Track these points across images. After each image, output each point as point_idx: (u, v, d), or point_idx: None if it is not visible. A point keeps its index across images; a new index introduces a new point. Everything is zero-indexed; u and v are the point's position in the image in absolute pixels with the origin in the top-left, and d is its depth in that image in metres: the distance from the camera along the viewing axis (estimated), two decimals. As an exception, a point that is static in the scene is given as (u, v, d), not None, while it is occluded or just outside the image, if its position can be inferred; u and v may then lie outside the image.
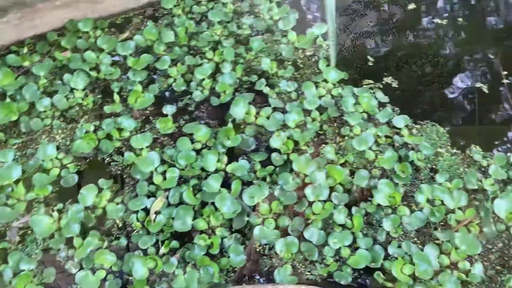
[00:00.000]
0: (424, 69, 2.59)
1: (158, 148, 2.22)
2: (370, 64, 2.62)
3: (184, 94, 2.45)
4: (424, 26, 2.79)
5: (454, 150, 2.25)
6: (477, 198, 2.07)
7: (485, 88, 2.50)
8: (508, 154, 2.16)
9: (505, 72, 2.55)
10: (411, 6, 2.87)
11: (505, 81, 2.51)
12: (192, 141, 2.21)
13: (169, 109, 2.34)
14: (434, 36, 2.74)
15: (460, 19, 2.81)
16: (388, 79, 2.53)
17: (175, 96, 2.46)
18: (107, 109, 2.36)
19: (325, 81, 2.44)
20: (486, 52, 2.65)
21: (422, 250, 1.90)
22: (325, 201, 2.00)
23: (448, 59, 2.64)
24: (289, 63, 2.57)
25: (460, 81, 2.54)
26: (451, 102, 2.46)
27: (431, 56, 2.64)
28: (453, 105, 2.45)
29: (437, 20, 2.80)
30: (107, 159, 2.25)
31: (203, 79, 2.43)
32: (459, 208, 1.99)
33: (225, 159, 2.17)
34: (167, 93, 2.48)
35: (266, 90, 2.42)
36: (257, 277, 1.93)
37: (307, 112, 2.32)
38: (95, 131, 2.29)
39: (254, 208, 2.04)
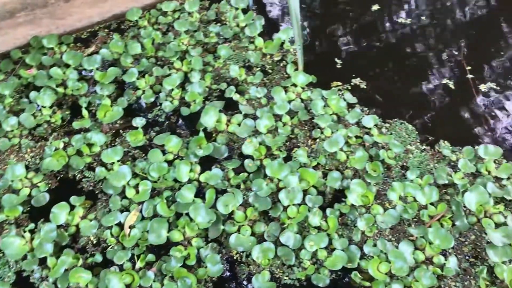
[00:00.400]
0: (391, 68, 2.63)
1: (129, 162, 2.21)
2: (338, 66, 2.64)
3: (154, 106, 2.44)
4: (390, 26, 2.84)
5: (424, 147, 2.29)
6: (448, 192, 2.10)
7: (451, 84, 2.55)
8: (476, 147, 2.20)
9: (469, 68, 2.60)
10: (375, 7, 2.91)
11: (469, 76, 2.57)
12: (164, 153, 2.19)
13: (139, 122, 2.32)
14: (400, 36, 2.79)
15: (424, 18, 2.86)
16: (356, 80, 2.56)
17: (144, 108, 2.44)
18: (76, 125, 2.33)
19: (294, 85, 2.46)
20: (451, 49, 2.71)
21: (397, 247, 1.92)
22: (299, 205, 2.01)
23: (415, 57, 2.69)
24: (258, 69, 2.58)
25: (427, 79, 2.59)
26: (419, 99, 2.50)
27: (398, 55, 2.69)
28: (421, 102, 2.49)
29: (402, 20, 2.85)
30: (78, 175, 2.22)
31: (172, 90, 2.43)
32: (431, 204, 2.03)
33: (198, 168, 2.16)
34: (136, 106, 2.46)
35: (236, 97, 2.42)
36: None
37: (277, 117, 2.34)
38: (64, 148, 2.25)
39: (229, 216, 2.04)
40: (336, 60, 2.66)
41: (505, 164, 2.14)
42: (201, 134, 2.22)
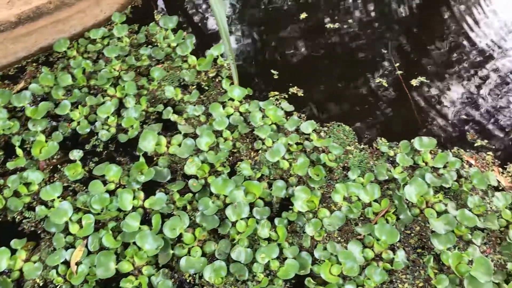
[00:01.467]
0: (326, 73, 2.69)
1: (70, 197, 2.14)
2: (275, 77, 2.67)
3: (91, 136, 2.38)
4: (320, 32, 2.89)
5: (362, 146, 2.34)
6: (390, 187, 2.16)
7: (384, 82, 2.63)
8: (412, 140, 2.28)
9: (397, 64, 2.70)
10: (303, 15, 2.97)
11: (398, 72, 2.66)
12: (105, 183, 2.14)
13: (76, 154, 2.26)
14: (331, 41, 2.85)
15: (351, 21, 2.95)
16: (293, 89, 2.59)
17: (81, 140, 2.39)
18: (10, 165, 2.24)
19: (232, 99, 2.47)
20: (380, 49, 2.80)
21: (346, 248, 1.96)
22: (247, 218, 2.01)
23: (347, 60, 2.76)
24: (194, 87, 2.58)
25: (360, 79, 2.65)
26: (354, 100, 2.56)
27: (332, 60, 2.75)
28: (356, 103, 2.55)
29: (330, 25, 2.92)
30: (18, 217, 2.13)
31: (108, 117, 2.38)
32: (375, 201, 2.08)
33: (141, 195, 2.12)
34: (72, 138, 2.39)
35: (174, 117, 2.40)
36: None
37: (218, 133, 2.34)
38: (0, 190, 2.17)
39: (178, 239, 2.01)
40: (272, 71, 2.69)
41: (440, 153, 2.22)
42: (141, 159, 2.19)
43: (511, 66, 2.70)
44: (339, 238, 2.03)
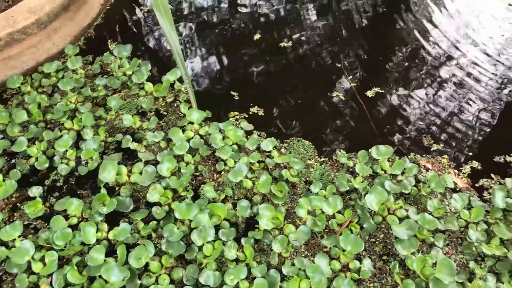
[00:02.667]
0: (284, 91, 2.73)
1: (31, 235, 2.10)
2: (236, 98, 2.69)
3: (50, 171, 2.34)
4: (275, 51, 2.94)
5: (322, 159, 2.38)
6: (352, 198, 2.20)
7: (340, 95, 2.69)
8: (369, 150, 2.33)
9: (351, 77, 2.76)
10: (257, 36, 3.02)
11: (352, 85, 2.72)
12: (67, 218, 2.11)
13: (35, 191, 2.22)
14: (287, 58, 2.90)
15: (303, 38, 3.01)
16: (254, 109, 2.62)
17: (40, 176, 2.34)
18: (-33, 208, 2.19)
19: (191, 123, 2.48)
20: (335, 63, 2.86)
21: (313, 261, 1.97)
22: (214, 241, 2.00)
23: (304, 76, 2.80)
24: (152, 113, 2.58)
25: (317, 94, 2.71)
26: (312, 114, 2.61)
27: (289, 77, 2.79)
28: (314, 117, 2.60)
29: (284, 44, 2.98)
30: (-22, 261, 2.07)
31: (66, 151, 2.35)
32: (338, 212, 2.11)
33: (105, 227, 2.09)
34: (31, 175, 2.35)
35: (134, 146, 2.39)
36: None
37: (179, 158, 2.34)
38: (-43, 234, 2.10)
39: (145, 268, 1.99)
40: (232, 92, 2.71)
41: (397, 160, 2.28)
42: (103, 190, 2.16)
43: (463, 72, 2.80)
44: (306, 253, 2.04)
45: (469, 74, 2.78)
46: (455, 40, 2.99)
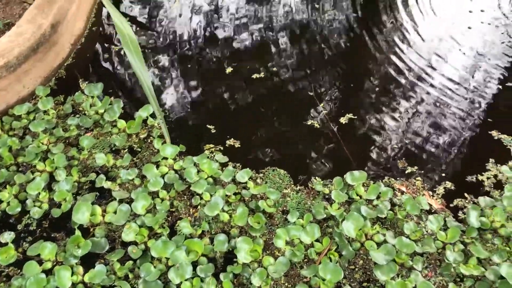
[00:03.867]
0: (260, 122, 2.74)
1: (3, 283, 2.03)
2: (212, 131, 2.69)
3: (22, 215, 2.29)
4: (248, 83, 2.97)
5: (298, 187, 2.38)
6: (329, 225, 2.20)
7: (313, 123, 2.71)
8: (344, 176, 2.34)
9: (323, 104, 2.80)
10: (229, 69, 3.05)
11: (324, 112, 2.75)
12: (40, 262, 2.05)
13: (7, 237, 2.16)
14: (260, 90, 2.92)
15: (275, 69, 3.05)
16: (230, 141, 2.62)
17: (12, 221, 2.29)
18: None
19: (165, 158, 2.46)
20: (308, 91, 2.89)
21: (294, 293, 1.96)
22: (192, 278, 1.97)
23: (278, 106, 2.82)
24: (125, 150, 2.56)
25: (291, 123, 2.73)
26: (287, 143, 2.62)
27: (264, 108, 2.81)
28: (289, 146, 2.61)
29: (256, 75, 3.01)
30: None
31: (39, 193, 2.30)
32: (316, 240, 2.10)
33: (80, 269, 2.04)
34: (2, 220, 2.30)
35: (108, 184, 2.36)
36: None
37: (154, 194, 2.32)
38: None
39: (122, 310, 1.94)
40: (208, 125, 2.71)
41: (372, 185, 2.29)
42: (77, 232, 2.12)
43: (434, 95, 2.86)
44: (286, 284, 2.02)
45: (438, 99, 2.84)
46: (425, 65, 3.06)
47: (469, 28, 3.35)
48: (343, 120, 2.72)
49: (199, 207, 2.29)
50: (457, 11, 3.49)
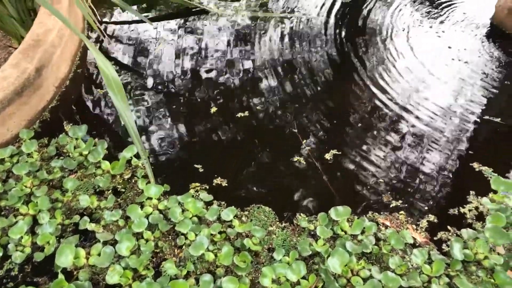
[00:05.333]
0: (245, 160, 2.76)
1: (-17, 331, 1.99)
2: (201, 170, 2.70)
3: (4, 260, 2.25)
4: (234, 123, 3.00)
5: (283, 224, 2.39)
6: (315, 262, 2.19)
7: (297, 160, 2.74)
8: (329, 211, 2.35)
9: (307, 141, 2.84)
10: (214, 109, 3.10)
11: (307, 148, 2.79)
12: (22, 309, 2.02)
13: (-12, 283, 2.13)
14: (246, 129, 2.95)
15: (259, 108, 3.10)
16: (217, 180, 2.63)
17: (-7, 266, 2.26)
18: None
19: (149, 198, 2.46)
20: (291, 128, 2.94)
21: (281, 332, 1.93)
22: (177, 320, 1.95)
23: (264, 144, 2.85)
24: (109, 192, 2.55)
25: (276, 160, 2.75)
26: (272, 181, 2.64)
27: (249, 146, 2.84)
28: (274, 183, 2.63)
29: (241, 114, 3.05)
30: None
31: (21, 237, 2.28)
32: (303, 278, 2.09)
33: (63, 314, 2.01)
34: (-17, 266, 2.27)
35: (91, 226, 2.34)
36: None
37: (138, 235, 2.30)
38: None
39: None
40: (194, 165, 2.72)
41: (356, 220, 2.31)
42: (60, 276, 2.08)
43: (418, 128, 2.92)
44: (273, 323, 2.00)
45: (420, 133, 2.90)
46: (406, 101, 3.14)
47: (450, 62, 3.45)
48: (327, 156, 2.75)
49: (184, 247, 2.28)
50: (435, 48, 3.61)
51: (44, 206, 2.40)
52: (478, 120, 2.99)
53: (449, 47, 3.60)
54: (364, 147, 2.81)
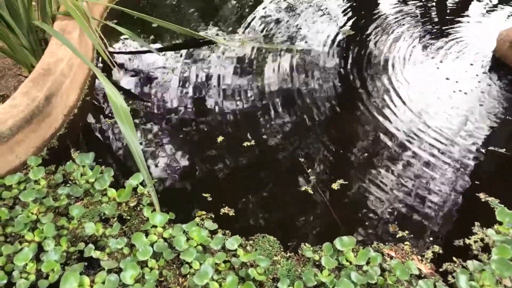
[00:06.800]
0: (249, 188, 2.78)
1: None
2: (207, 198, 2.71)
3: (8, 287, 2.26)
4: (240, 152, 3.03)
5: (288, 254, 2.38)
6: (320, 292, 2.19)
7: (303, 189, 2.74)
8: (334, 241, 2.35)
9: (311, 170, 2.85)
10: (220, 138, 3.13)
11: (313, 178, 2.80)
12: (24, 337, 2.01)
13: (-9, 310, 2.13)
14: (252, 158, 2.98)
15: (264, 136, 3.13)
16: (225, 209, 2.64)
17: (-3, 293, 2.26)
18: None
19: (154, 226, 2.47)
20: (298, 158, 2.96)
21: None
22: None
23: (269, 173, 2.87)
24: (115, 219, 2.56)
25: (282, 189, 2.76)
26: (277, 210, 2.65)
27: (257, 175, 2.86)
28: (280, 212, 2.64)
29: (247, 143, 3.08)
30: None
31: (26, 264, 2.28)
32: (307, 308, 2.08)
33: None
34: (-13, 293, 2.26)
35: (96, 254, 2.34)
36: None
37: (143, 263, 2.30)
38: None
39: None
40: (202, 194, 2.73)
41: (361, 250, 2.30)
42: (64, 304, 2.09)
43: (423, 158, 2.93)
44: None
45: (427, 163, 2.91)
46: (412, 130, 3.16)
47: (453, 93, 3.49)
48: (334, 185, 2.76)
49: (188, 276, 2.27)
50: (438, 79, 3.66)
51: (49, 233, 2.41)
52: (483, 151, 3.00)
53: (451, 79, 3.64)
54: (370, 177, 2.82)
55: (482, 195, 2.69)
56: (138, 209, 2.63)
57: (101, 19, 4.26)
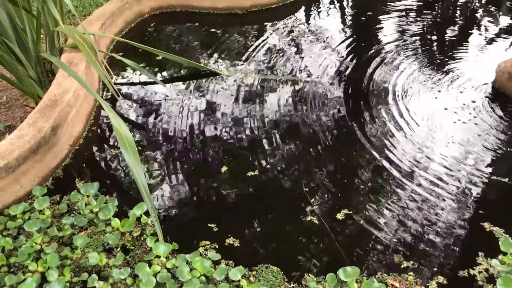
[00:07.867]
0: (257, 218, 2.78)
1: None
2: (215, 229, 2.71)
3: (10, 318, 2.25)
4: (245, 182, 3.05)
5: (292, 285, 2.37)
6: (324, 324, 2.17)
7: (307, 219, 2.75)
8: (337, 272, 2.34)
9: (312, 200, 2.86)
10: (224, 168, 3.15)
11: (316, 207, 2.81)
12: None
13: None
14: (255, 188, 3.00)
15: (268, 166, 3.15)
16: (230, 240, 2.64)
17: (-1, 324, 2.25)
18: None
19: (158, 256, 2.47)
20: (301, 187, 2.97)
21: None
22: None
23: (271, 202, 2.89)
24: (118, 249, 2.56)
25: (285, 219, 2.77)
26: (280, 240, 2.65)
27: (260, 205, 2.87)
28: (282, 242, 2.63)
29: (251, 173, 3.10)
30: None
31: (29, 295, 2.28)
32: None
33: None
34: (-11, 324, 2.26)
35: (99, 284, 2.34)
36: None
37: (146, 294, 2.29)
38: None
39: None
40: (209, 225, 2.74)
41: (365, 281, 2.29)
42: (66, 335, 2.07)
43: (427, 189, 2.94)
44: None
45: (431, 193, 2.92)
46: (414, 161, 3.18)
47: (454, 124, 3.52)
48: (337, 215, 2.76)
49: (191, 306, 2.26)
50: (439, 110, 3.70)
51: (53, 263, 2.41)
52: (486, 180, 3.01)
53: (451, 110, 3.68)
54: (374, 206, 2.82)
55: (486, 225, 2.69)
56: (142, 239, 2.63)
57: (107, 51, 4.35)
